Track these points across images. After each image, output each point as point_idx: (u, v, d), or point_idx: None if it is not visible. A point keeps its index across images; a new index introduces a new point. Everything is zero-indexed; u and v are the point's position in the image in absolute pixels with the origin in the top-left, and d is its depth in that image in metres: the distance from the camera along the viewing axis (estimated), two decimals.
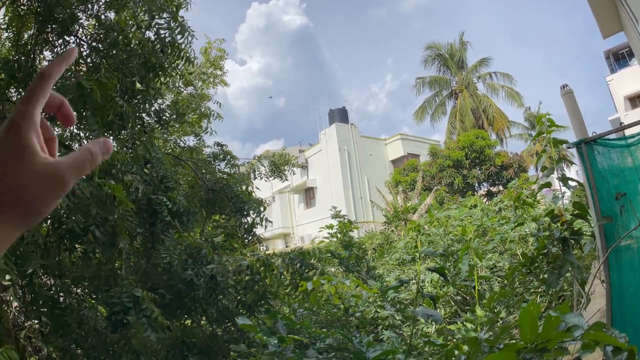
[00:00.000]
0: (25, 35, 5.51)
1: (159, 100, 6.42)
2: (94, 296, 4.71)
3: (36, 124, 0.54)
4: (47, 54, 5.63)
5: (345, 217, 9.05)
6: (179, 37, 5.15)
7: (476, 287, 6.59)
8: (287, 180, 9.44)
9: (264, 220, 6.82)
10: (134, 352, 4.55)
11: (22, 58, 5.17)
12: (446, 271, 7.25)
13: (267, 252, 6.46)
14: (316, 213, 32.48)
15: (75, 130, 5.32)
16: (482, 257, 7.95)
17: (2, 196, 0.50)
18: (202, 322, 5.52)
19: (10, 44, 5.88)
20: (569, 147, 4.19)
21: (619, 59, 32.85)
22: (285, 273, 5.16)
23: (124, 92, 4.96)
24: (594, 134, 3.89)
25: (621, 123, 21.79)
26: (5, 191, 0.50)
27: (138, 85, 5.14)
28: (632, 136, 3.76)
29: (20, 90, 5.01)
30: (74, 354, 4.44)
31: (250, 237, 6.97)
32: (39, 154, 0.53)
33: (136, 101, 5.40)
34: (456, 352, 3.10)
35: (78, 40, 5.33)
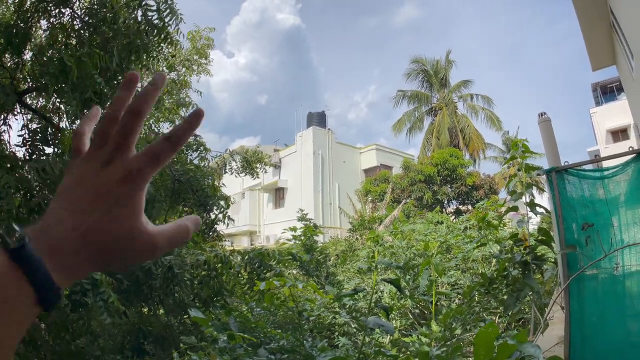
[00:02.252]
0: (28, 2, 5.42)
1: (139, 83, 6.34)
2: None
3: None
4: (44, 22, 5.54)
5: (312, 221, 9.10)
6: (167, 19, 5.12)
7: (433, 302, 6.72)
8: (258, 178, 9.43)
9: (226, 218, 6.80)
10: (92, 334, 4.51)
11: (21, 25, 5.07)
12: (405, 284, 7.37)
13: (228, 248, 6.44)
14: (284, 214, 32.40)
15: (57, 103, 5.25)
16: (443, 273, 8.08)
17: (94, 246, 0.47)
18: (159, 311, 5.48)
19: (13, 9, 5.76)
20: (539, 174, 4.30)
21: (607, 92, 33.81)
22: (242, 272, 5.16)
23: (105, 71, 4.90)
24: (566, 163, 4.00)
25: (596, 155, 22.45)
26: (99, 245, 0.48)
27: (120, 63, 5.09)
28: (608, 169, 3.86)
29: (14, 57, 4.93)
30: (37, 327, 4.38)
31: (211, 233, 6.94)
32: (143, 218, 0.51)
33: (116, 82, 5.35)
34: None
35: (72, 13, 5.26)
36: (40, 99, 6.00)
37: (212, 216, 6.85)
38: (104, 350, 4.65)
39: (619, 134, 29.52)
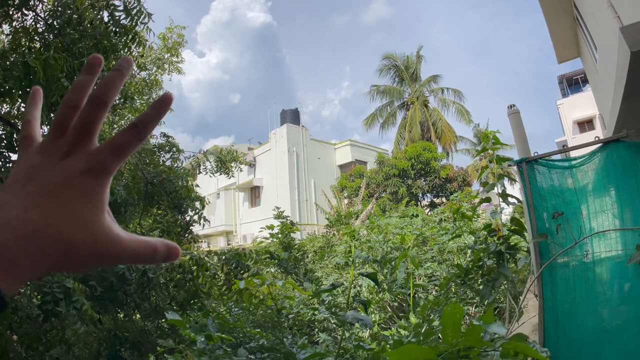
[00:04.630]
0: None
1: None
2: (28, 283, 4.55)
3: None
4: (6, 27, 5.40)
5: (288, 218, 9.08)
6: (135, 18, 5.04)
7: (411, 295, 6.78)
8: (233, 177, 9.36)
9: (202, 219, 6.75)
10: (66, 343, 4.42)
11: None
12: (382, 278, 7.43)
13: (204, 249, 6.39)
14: (260, 212, 32.29)
15: (22, 108, 5.12)
16: (420, 266, 8.17)
17: (45, 254, 0.41)
18: (135, 317, 5.41)
19: None
20: (510, 165, 4.37)
21: (573, 84, 34.58)
22: (219, 273, 5.13)
23: (73, 73, 4.81)
24: (536, 154, 4.07)
25: (564, 146, 22.97)
26: (55, 252, 0.42)
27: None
28: (575, 158, 3.95)
29: None
30: (9, 339, 4.27)
31: (187, 235, 6.88)
32: (107, 216, 0.46)
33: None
34: (383, 355, 3.20)
35: (35, 16, 5.14)
36: (5, 104, 5.85)
37: (187, 218, 6.79)
38: (79, 359, 4.57)
39: (585, 125, 30.26)
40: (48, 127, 5.01)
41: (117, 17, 5.02)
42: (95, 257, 0.44)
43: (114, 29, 5.03)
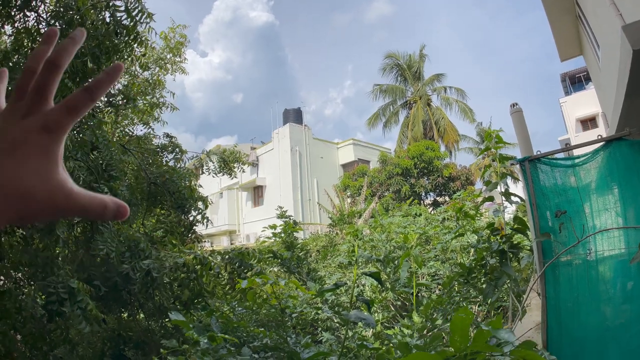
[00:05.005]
0: None
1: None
2: (32, 283, 4.57)
3: None
4: (8, 28, 5.42)
5: (291, 218, 9.09)
6: (137, 18, 5.05)
7: (414, 294, 6.79)
8: (236, 177, 9.36)
9: (205, 219, 6.76)
10: (70, 342, 4.43)
11: None
12: (386, 277, 7.43)
13: (208, 249, 6.40)
14: (263, 212, 32.31)
15: None
16: (423, 265, 8.17)
17: (6, 204, 0.46)
18: (139, 316, 5.43)
19: None
20: (512, 164, 4.36)
21: (575, 82, 34.45)
22: (223, 272, 5.14)
23: (75, 74, 4.82)
24: (539, 152, 4.06)
25: (567, 144, 22.93)
26: (14, 202, 0.46)
27: (90, 65, 5.00)
28: (578, 157, 3.94)
29: None
30: (12, 339, 4.29)
31: (190, 235, 6.89)
32: (62, 170, 0.51)
33: (87, 84, 5.25)
34: (388, 356, 3.20)
35: (37, 17, 5.15)
36: None
37: (190, 218, 6.80)
38: (83, 359, 4.59)
39: (588, 123, 30.17)
40: None
41: (118, 18, 5.03)
42: (50, 208, 0.49)
43: (115, 29, 5.04)
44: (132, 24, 5.06)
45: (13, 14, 5.12)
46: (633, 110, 4.37)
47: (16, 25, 5.21)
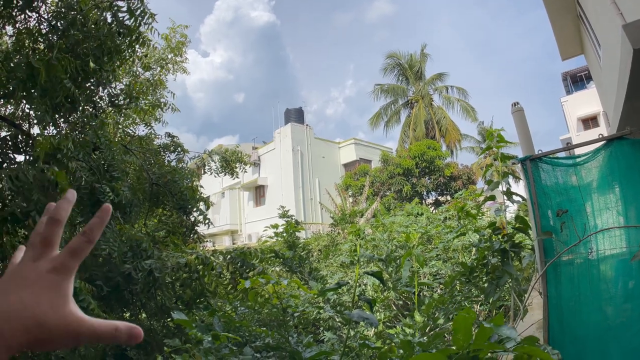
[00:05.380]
0: None
1: (113, 84, 6.28)
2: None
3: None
4: (9, 29, 5.43)
5: (293, 217, 9.10)
6: (139, 18, 5.06)
7: (416, 293, 6.79)
8: (238, 177, 9.36)
9: (206, 220, 6.77)
10: None
11: None
12: (387, 276, 7.44)
13: (210, 249, 6.40)
14: (265, 211, 32.33)
15: (26, 110, 5.14)
16: (425, 264, 8.17)
17: (24, 329, 0.54)
18: (141, 316, 5.43)
19: None
20: (514, 163, 4.36)
21: (577, 81, 34.39)
22: (225, 272, 5.14)
23: (77, 74, 4.82)
24: (540, 152, 4.06)
25: (568, 143, 22.89)
26: (31, 328, 0.54)
27: (92, 65, 5.01)
28: (579, 156, 3.93)
29: None
30: None
31: (192, 235, 6.90)
32: (72, 304, 0.59)
33: (89, 84, 5.26)
34: (390, 355, 3.21)
35: (39, 17, 5.16)
36: (9, 106, 5.89)
37: (192, 218, 6.81)
38: (85, 359, 4.59)
39: (589, 122, 30.12)
40: (52, 126, 5.03)
41: (120, 18, 5.04)
42: (65, 334, 0.57)
43: (117, 29, 5.05)
44: (134, 24, 5.07)
45: (14, 14, 5.14)
46: (634, 109, 4.37)
47: (17, 25, 5.22)
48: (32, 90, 4.30)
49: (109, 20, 5.08)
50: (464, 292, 5.62)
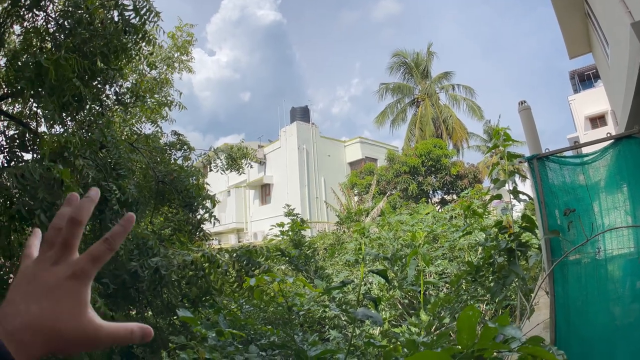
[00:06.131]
0: (0, 8, 5.33)
1: (120, 82, 6.30)
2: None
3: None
4: (17, 27, 5.46)
5: (299, 216, 9.10)
6: (145, 17, 5.07)
7: (422, 292, 6.78)
8: (244, 174, 9.38)
9: (212, 218, 6.78)
10: None
11: None
12: (393, 275, 7.42)
13: (215, 247, 6.42)
14: (271, 210, 32.38)
15: (34, 108, 5.16)
16: (430, 263, 8.14)
17: (45, 339, 0.54)
18: (147, 314, 5.45)
19: None
20: (521, 162, 4.33)
21: (584, 79, 34.15)
22: (231, 270, 5.15)
23: (84, 73, 4.84)
24: (547, 150, 4.04)
25: (575, 142, 22.77)
26: (51, 338, 0.55)
27: (100, 64, 5.02)
28: (587, 155, 3.90)
29: None
30: None
31: (198, 233, 6.92)
32: (90, 310, 0.59)
33: (96, 82, 5.29)
34: (395, 354, 3.20)
35: (46, 16, 5.19)
36: (17, 105, 5.92)
37: (198, 216, 6.82)
38: (91, 357, 4.61)
39: (597, 121, 29.92)
40: (60, 125, 5.05)
41: (126, 17, 5.06)
42: (83, 341, 0.58)
43: (124, 28, 5.06)
44: (140, 22, 5.08)
45: (22, 13, 5.16)
46: None
47: (25, 24, 5.25)
48: (40, 89, 4.32)
49: (115, 18, 5.10)
50: (470, 291, 5.60)
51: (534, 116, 4.65)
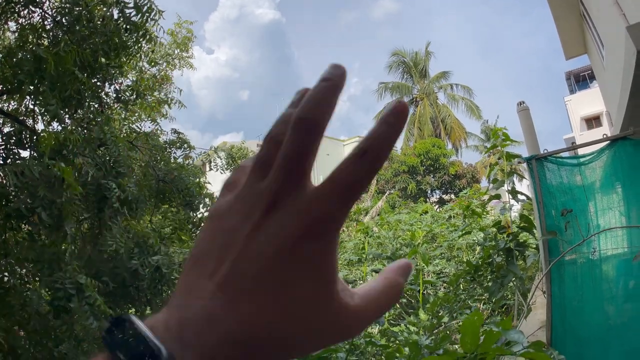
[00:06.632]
0: None
1: (120, 79, 6.31)
2: (37, 279, 4.58)
3: None
4: (12, 24, 5.45)
5: None
6: (146, 14, 5.07)
7: (421, 291, 6.81)
8: None
9: None
10: (76, 338, 4.42)
11: None
12: None
13: None
14: None
15: (30, 106, 5.15)
16: (429, 262, 8.19)
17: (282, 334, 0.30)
18: (147, 312, 5.47)
19: None
20: (519, 162, 4.35)
21: (580, 80, 34.13)
22: None
23: (84, 68, 4.83)
24: (546, 151, 4.06)
25: (572, 143, 22.81)
26: (272, 348, 0.30)
27: (102, 59, 5.01)
28: (584, 156, 3.93)
29: None
30: (17, 336, 4.32)
31: (199, 231, 6.92)
32: (337, 288, 0.33)
33: (95, 80, 5.28)
34: (397, 355, 3.23)
35: (43, 13, 5.18)
36: (12, 102, 5.89)
37: (199, 215, 6.84)
38: (89, 355, 4.63)
39: (592, 122, 29.91)
40: (56, 120, 5.03)
41: (127, 14, 5.05)
42: (328, 340, 0.34)
43: (124, 25, 5.06)
44: (141, 20, 5.08)
45: (17, 9, 5.14)
46: (637, 109, 4.37)
47: (20, 21, 5.21)
48: (39, 85, 4.30)
49: (116, 16, 5.10)
50: (468, 290, 5.64)
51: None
